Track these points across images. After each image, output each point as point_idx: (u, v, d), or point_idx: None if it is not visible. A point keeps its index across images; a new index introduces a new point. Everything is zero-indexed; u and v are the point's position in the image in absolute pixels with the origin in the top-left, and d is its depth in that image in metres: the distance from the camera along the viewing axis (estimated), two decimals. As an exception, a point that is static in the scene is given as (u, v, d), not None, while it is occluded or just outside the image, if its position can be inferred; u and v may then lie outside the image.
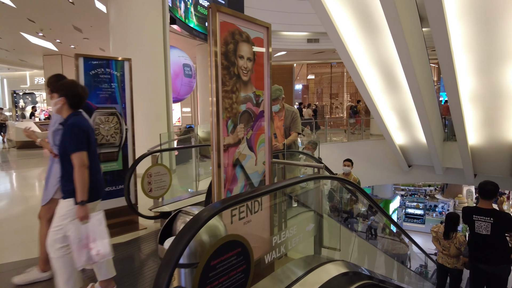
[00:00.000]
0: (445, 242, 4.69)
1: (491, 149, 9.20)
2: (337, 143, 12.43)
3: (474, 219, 3.70)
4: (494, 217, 3.57)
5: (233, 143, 2.00)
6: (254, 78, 2.15)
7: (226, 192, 1.97)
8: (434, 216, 19.95)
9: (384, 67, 8.45)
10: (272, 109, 2.61)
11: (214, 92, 1.84)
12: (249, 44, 2.10)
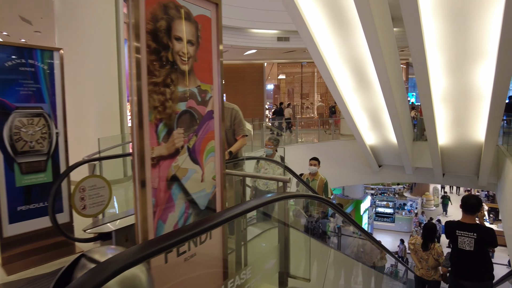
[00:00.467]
0: (423, 253, 4.59)
1: (459, 149, 9.20)
2: (308, 144, 12.14)
3: (457, 234, 3.55)
4: (477, 233, 3.44)
5: (168, 155, 1.48)
6: (199, 68, 1.64)
7: (156, 222, 1.44)
8: (404, 215, 20.26)
9: (355, 66, 8.19)
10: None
11: (134, 85, 1.32)
12: (191, 23, 1.58)
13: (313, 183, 5.63)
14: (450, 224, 3.75)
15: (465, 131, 8.20)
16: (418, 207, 21.26)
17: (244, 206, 1.50)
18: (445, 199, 20.75)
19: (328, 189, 5.63)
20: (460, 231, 3.52)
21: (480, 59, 5.98)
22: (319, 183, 5.63)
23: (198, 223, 1.28)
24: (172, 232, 1.18)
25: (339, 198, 15.70)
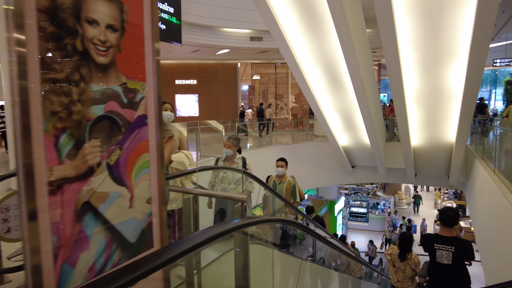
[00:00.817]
0: (400, 264, 4.51)
1: (431, 149, 9.24)
2: (281, 145, 11.92)
3: (435, 248, 3.49)
4: (455, 246, 3.41)
5: (76, 176, 1.11)
6: (125, 60, 1.28)
7: (60, 268, 1.07)
8: (377, 214, 20.49)
9: (328, 67, 8.01)
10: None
11: (16, 83, 0.94)
12: (113, 2, 1.22)
13: (280, 187, 5.20)
14: (428, 237, 3.70)
15: (437, 132, 8.21)
16: (391, 206, 21.59)
17: (188, 243, 1.16)
18: (416, 199, 21.14)
19: (296, 192, 5.18)
20: (438, 245, 3.47)
21: (452, 59, 5.92)
22: (286, 186, 5.19)
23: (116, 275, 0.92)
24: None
25: (314, 199, 15.61)
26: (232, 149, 4.26)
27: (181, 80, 17.95)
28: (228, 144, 4.29)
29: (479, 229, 7.59)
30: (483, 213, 6.64)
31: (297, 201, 5.12)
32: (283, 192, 5.10)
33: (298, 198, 5.16)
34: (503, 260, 4.88)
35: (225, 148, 4.31)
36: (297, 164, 12.45)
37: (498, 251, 5.15)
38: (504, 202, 4.60)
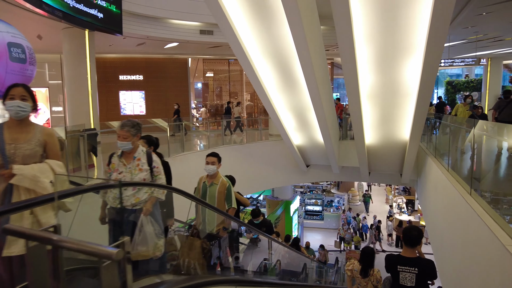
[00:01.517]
0: (362, 280, 4.33)
1: (385, 147, 9.11)
2: (234, 146, 11.28)
3: (398, 270, 3.44)
4: (419, 267, 3.38)
5: None
6: None
7: None
8: (332, 212, 20.63)
9: (281, 62, 7.49)
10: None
11: None
12: None
13: (211, 190, 4.16)
14: (391, 258, 3.59)
15: (391, 130, 8.05)
16: (345, 203, 21.89)
17: None
18: (366, 197, 21.43)
19: (232, 196, 4.18)
20: (402, 267, 3.40)
21: (408, 54, 5.65)
22: (219, 188, 4.15)
23: None
24: None
25: (269, 200, 15.19)
26: (131, 140, 3.08)
27: (126, 76, 16.61)
28: (122, 134, 3.05)
29: (432, 225, 7.51)
30: (437, 210, 6.50)
31: (232, 207, 4.16)
32: (215, 197, 4.12)
33: (233, 203, 4.19)
34: (456, 256, 4.69)
35: (119, 140, 3.09)
36: (251, 165, 11.92)
37: (452, 247, 4.96)
38: (461, 201, 4.35)
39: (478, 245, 3.69)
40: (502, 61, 23.74)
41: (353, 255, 14.57)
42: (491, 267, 3.21)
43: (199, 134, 15.77)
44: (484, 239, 3.37)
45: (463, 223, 4.30)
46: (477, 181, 4.27)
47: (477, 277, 3.69)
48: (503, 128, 3.99)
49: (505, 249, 2.78)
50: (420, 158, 9.62)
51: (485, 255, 3.39)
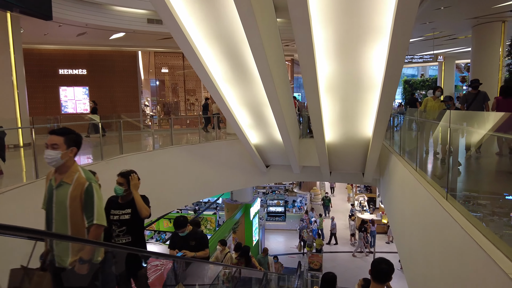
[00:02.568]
0: None
1: (346, 145, 8.51)
2: (187, 146, 10.19)
3: None
4: None
5: None
6: None
7: None
8: (294, 212, 20.09)
9: (231, 51, 6.56)
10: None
11: None
12: None
13: (60, 193, 2.56)
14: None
15: (353, 126, 7.41)
16: (307, 203, 21.47)
17: None
18: (325, 201, 20.88)
19: (94, 205, 2.57)
20: None
21: (372, 39, 4.94)
22: (72, 191, 2.55)
23: None
24: None
25: (228, 204, 14.23)
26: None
27: (67, 70, 14.89)
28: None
29: (399, 226, 6.94)
30: (404, 212, 5.90)
31: (95, 223, 2.54)
32: (65, 204, 2.54)
33: (98, 217, 2.58)
34: (427, 256, 4.09)
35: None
36: (207, 166, 10.90)
37: (424, 252, 4.35)
38: (435, 206, 3.70)
39: (455, 251, 3.09)
40: (454, 60, 24.64)
41: (315, 259, 14.02)
42: (471, 274, 2.60)
43: (150, 133, 14.45)
44: (465, 246, 2.82)
45: (438, 228, 3.66)
46: (453, 184, 3.62)
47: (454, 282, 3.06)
48: (482, 117, 3.37)
49: (491, 259, 2.27)
50: (383, 156, 9.13)
51: (464, 263, 2.86)
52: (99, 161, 7.00)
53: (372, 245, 16.01)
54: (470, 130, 3.52)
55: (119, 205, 3.64)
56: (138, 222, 3.65)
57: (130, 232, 3.59)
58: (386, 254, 15.75)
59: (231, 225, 12.21)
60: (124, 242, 3.55)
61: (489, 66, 13.27)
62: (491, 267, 2.32)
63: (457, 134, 3.51)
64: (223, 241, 7.46)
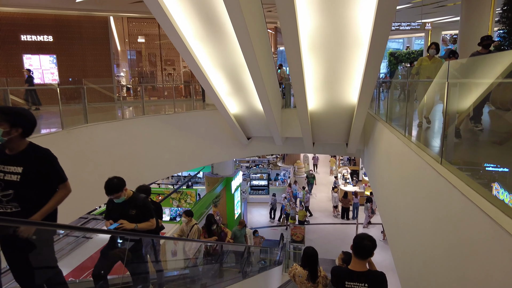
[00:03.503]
0: (308, 285, 3.94)
1: (330, 114, 8.04)
2: (160, 116, 9.51)
3: (347, 286, 3.02)
4: (369, 283, 2.98)
5: None
6: None
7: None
8: (277, 185, 19.89)
9: (204, 7, 5.84)
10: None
11: None
12: None
13: None
14: (338, 273, 3.14)
15: (338, 92, 6.91)
16: (290, 176, 21.29)
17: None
18: (310, 178, 20.26)
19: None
20: (350, 283, 2.99)
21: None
22: None
23: None
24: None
25: (208, 177, 13.77)
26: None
27: (30, 36, 13.66)
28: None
29: (384, 196, 6.64)
30: (391, 180, 5.52)
31: None
32: None
33: None
34: (416, 223, 3.80)
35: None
36: (184, 138, 10.28)
37: (411, 216, 4.03)
38: (428, 171, 3.31)
39: (452, 218, 2.74)
40: (441, 31, 24.21)
41: (298, 231, 13.90)
42: (472, 240, 2.26)
43: (126, 104, 13.61)
44: (465, 213, 2.47)
45: (431, 195, 3.29)
46: (450, 146, 3.19)
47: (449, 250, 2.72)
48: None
49: (499, 226, 1.96)
50: (368, 126, 8.73)
51: (463, 230, 2.49)
52: (59, 130, 6.31)
53: (355, 217, 16.03)
54: (475, 82, 3.04)
55: (5, 159, 2.49)
56: (39, 187, 2.51)
57: (21, 199, 2.45)
58: (369, 225, 15.83)
59: (211, 198, 11.80)
60: (9, 212, 2.43)
61: (478, 34, 12.84)
62: (499, 234, 1.94)
63: (457, 89, 3.04)
64: (189, 211, 6.44)
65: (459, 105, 3.15)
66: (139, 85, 15.98)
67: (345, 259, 4.47)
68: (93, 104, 10.13)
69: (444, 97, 3.13)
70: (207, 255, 6.25)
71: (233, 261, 8.22)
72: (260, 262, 11.41)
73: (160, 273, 4.14)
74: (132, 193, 3.61)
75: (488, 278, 2.09)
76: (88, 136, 7.01)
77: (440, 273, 3.03)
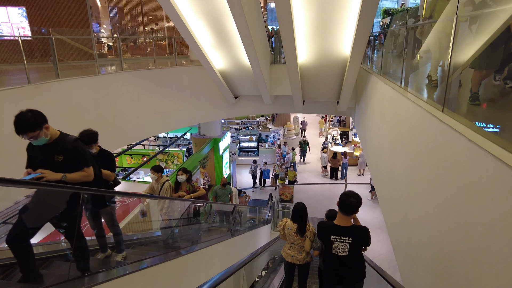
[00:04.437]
0: (296, 238, 4.14)
1: (321, 68, 7.59)
2: (140, 71, 8.87)
3: (331, 239, 3.16)
4: (353, 237, 3.11)
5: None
6: None
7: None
8: (267, 147, 19.68)
9: None
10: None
11: None
12: None
13: None
14: (324, 227, 3.28)
15: (329, 42, 6.42)
16: (280, 138, 21.05)
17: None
18: (303, 145, 19.18)
19: None
20: (335, 236, 3.16)
21: None
22: None
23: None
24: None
25: (195, 138, 13.38)
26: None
27: (-5, -15, 12.44)
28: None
29: (376, 153, 6.40)
30: (384, 134, 5.24)
31: None
32: None
33: None
34: (414, 177, 3.54)
35: None
36: (166, 96, 9.71)
37: (408, 170, 3.78)
38: (429, 121, 2.98)
39: (458, 169, 2.42)
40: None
41: (286, 190, 13.87)
42: (482, 189, 1.97)
43: (108, 62, 12.79)
44: (474, 162, 2.16)
45: (432, 146, 2.97)
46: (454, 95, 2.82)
47: (459, 205, 2.47)
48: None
49: None
50: (360, 82, 8.32)
51: (472, 179, 2.18)
52: (25, 85, 5.74)
53: (344, 177, 16.05)
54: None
55: None
56: None
57: None
58: (358, 185, 15.91)
59: (198, 159, 11.50)
60: None
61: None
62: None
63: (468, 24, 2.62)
64: (157, 167, 5.44)
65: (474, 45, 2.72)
66: (116, 38, 15.00)
67: (328, 215, 4.52)
68: (73, 62, 9.43)
69: (451, 36, 2.71)
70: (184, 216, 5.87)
71: (215, 220, 8.02)
72: (250, 221, 11.41)
73: (118, 237, 3.55)
74: (59, 133, 2.77)
75: (496, 231, 1.82)
76: (60, 93, 6.46)
77: (436, 231, 2.80)
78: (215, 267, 5.53)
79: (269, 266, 9.39)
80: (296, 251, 4.20)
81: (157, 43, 16.87)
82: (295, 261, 4.19)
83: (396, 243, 4.27)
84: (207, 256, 5.28)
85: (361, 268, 3.29)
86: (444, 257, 2.58)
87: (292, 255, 4.20)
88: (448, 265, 2.50)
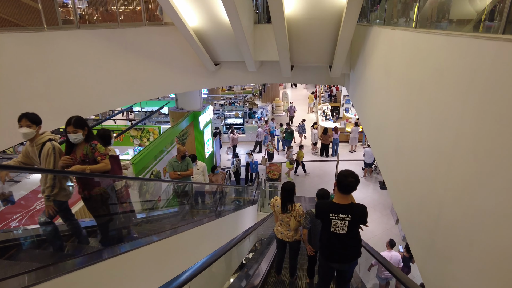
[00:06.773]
0: (283, 216, 4.38)
1: (312, 22, 6.45)
2: (101, 30, 7.57)
3: (331, 218, 3.23)
4: (351, 214, 3.21)
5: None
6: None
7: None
8: (254, 123, 18.60)
9: None
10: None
11: None
12: None
13: None
14: (323, 206, 3.32)
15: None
16: (268, 114, 19.98)
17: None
18: (286, 134, 16.18)
19: None
20: (334, 214, 3.21)
21: None
22: None
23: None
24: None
25: (172, 112, 12.17)
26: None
27: None
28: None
29: (380, 122, 5.42)
30: (392, 95, 4.20)
31: None
32: None
33: None
34: (431, 147, 2.55)
35: None
36: (136, 62, 8.39)
37: (423, 134, 2.87)
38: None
39: None
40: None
41: (274, 168, 12.95)
42: None
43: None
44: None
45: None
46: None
47: None
48: None
49: None
50: (356, 42, 7.20)
51: None
52: None
53: (335, 154, 15.19)
54: None
55: None
56: None
57: None
58: (349, 162, 15.10)
59: (174, 135, 10.35)
60: None
61: None
62: None
63: None
64: (32, 115, 3.27)
65: None
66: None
67: (319, 194, 4.42)
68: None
69: None
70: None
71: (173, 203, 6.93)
72: (235, 201, 10.50)
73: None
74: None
75: None
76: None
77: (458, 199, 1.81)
78: (181, 260, 4.56)
79: (257, 247, 8.52)
80: (285, 228, 4.47)
81: (132, 10, 15.31)
82: (284, 238, 4.47)
83: (404, 220, 3.32)
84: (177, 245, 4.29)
85: (358, 245, 3.38)
86: None
87: (281, 232, 4.50)
88: None
